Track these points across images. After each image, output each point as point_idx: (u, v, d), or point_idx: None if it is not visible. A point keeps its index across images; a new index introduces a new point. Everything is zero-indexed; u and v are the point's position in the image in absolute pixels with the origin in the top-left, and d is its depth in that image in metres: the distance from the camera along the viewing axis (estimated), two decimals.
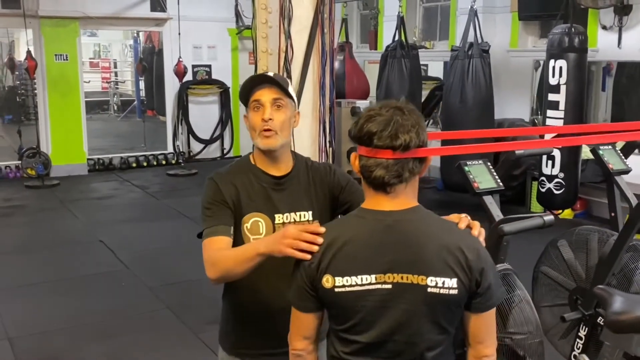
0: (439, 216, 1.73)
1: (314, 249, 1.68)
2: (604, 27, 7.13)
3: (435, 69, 10.52)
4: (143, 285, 5.24)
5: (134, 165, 10.43)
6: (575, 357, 3.22)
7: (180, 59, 10.05)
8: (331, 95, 3.80)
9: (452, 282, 1.61)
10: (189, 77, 10.56)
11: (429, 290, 1.61)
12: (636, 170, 3.98)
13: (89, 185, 9.36)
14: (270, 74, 2.09)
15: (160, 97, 12.62)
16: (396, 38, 7.82)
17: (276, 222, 2.08)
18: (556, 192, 6.01)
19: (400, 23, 7.81)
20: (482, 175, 2.84)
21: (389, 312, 1.64)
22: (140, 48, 16.01)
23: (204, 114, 10.98)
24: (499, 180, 2.87)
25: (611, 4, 6.65)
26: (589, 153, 6.68)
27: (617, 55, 7.17)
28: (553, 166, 5.98)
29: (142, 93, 16.17)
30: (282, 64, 3.61)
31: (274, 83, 2.04)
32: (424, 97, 8.99)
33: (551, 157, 5.95)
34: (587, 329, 3.19)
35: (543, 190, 6.11)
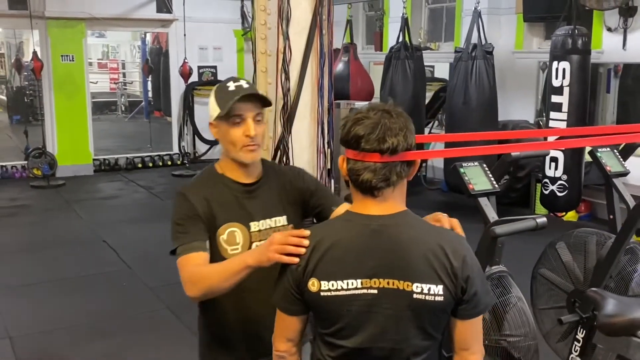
0: (427, 221, 1.72)
1: (301, 251, 1.68)
2: (609, 29, 7.10)
3: (441, 70, 10.51)
4: (144, 285, 5.25)
5: (139, 165, 10.47)
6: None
7: (186, 60, 10.09)
8: (329, 97, 3.79)
9: (438, 289, 1.60)
10: (194, 78, 10.59)
11: (415, 296, 1.60)
12: (635, 172, 3.97)
13: (94, 185, 9.41)
14: (247, 86, 2.04)
15: (167, 98, 12.66)
16: (400, 39, 7.81)
17: (252, 230, 2.06)
18: (559, 194, 5.99)
19: (405, 24, 7.80)
20: (477, 177, 2.83)
21: (375, 317, 1.63)
22: (147, 49, 16.07)
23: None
24: (494, 182, 2.86)
25: (616, 5, 6.62)
26: None
27: (623, 57, 7.13)
28: (556, 168, 5.96)
29: (150, 94, 16.25)
30: (280, 65, 3.61)
31: (258, 99, 2.03)
32: (429, 99, 8.98)
33: (554, 159, 5.94)
34: (584, 331, 3.17)
35: (546, 192, 6.09)
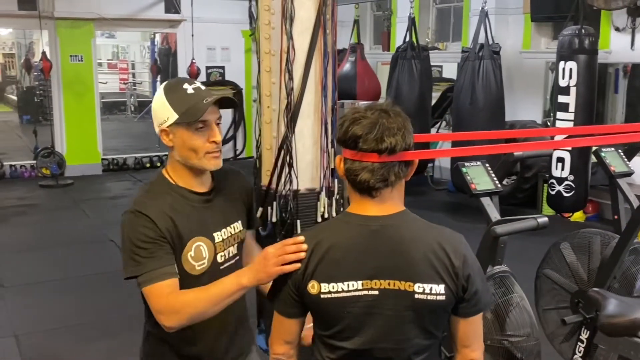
0: (426, 221, 1.71)
1: (301, 256, 1.66)
2: (617, 29, 7.06)
3: (449, 70, 10.49)
4: None
5: (147, 165, 10.51)
6: None
7: (194, 61, 10.12)
8: (333, 96, 3.79)
9: (440, 288, 1.60)
10: (202, 78, 10.60)
11: (417, 296, 1.60)
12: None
13: (103, 185, 9.45)
14: (204, 87, 1.92)
15: None
16: (407, 39, 7.80)
17: (216, 241, 1.95)
18: (566, 194, 5.95)
19: (412, 24, 7.79)
20: (479, 177, 2.82)
21: (376, 318, 1.63)
22: (156, 49, 16.13)
23: None
24: (497, 182, 2.85)
25: (624, 5, 6.57)
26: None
27: (631, 57, 7.10)
28: (563, 169, 5.92)
29: None
30: (284, 65, 3.62)
31: (225, 102, 1.91)
32: (436, 99, 8.96)
33: (561, 160, 5.91)
34: (588, 332, 3.15)
35: (553, 192, 6.05)
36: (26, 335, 4.42)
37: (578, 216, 6.99)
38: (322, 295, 1.63)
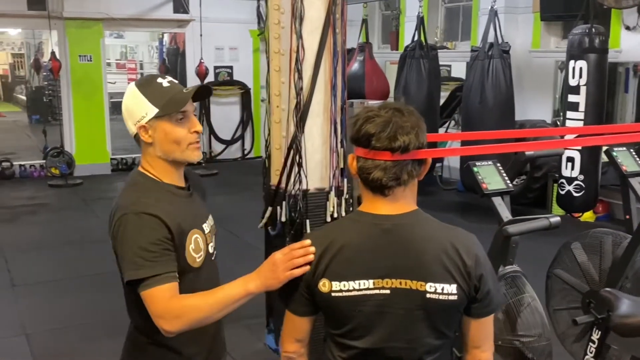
0: (438, 221, 1.70)
1: (310, 258, 1.66)
2: (627, 28, 7.02)
3: (458, 69, 10.45)
4: None
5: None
6: None
7: (202, 60, 10.14)
8: (343, 96, 3.78)
9: (452, 288, 1.59)
10: (210, 78, 10.63)
11: (428, 296, 1.59)
12: None
13: (112, 184, 9.46)
14: (177, 81, 1.94)
15: None
16: (415, 38, 7.78)
17: (205, 232, 1.97)
18: (576, 194, 5.93)
19: (420, 23, 7.77)
20: (491, 176, 2.81)
21: (387, 317, 1.62)
22: (165, 49, 16.16)
23: (226, 114, 11.05)
24: (508, 182, 2.84)
25: (635, 3, 6.51)
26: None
27: None
28: (573, 168, 5.89)
29: None
30: (293, 64, 3.61)
31: (200, 93, 1.92)
32: (445, 98, 8.94)
33: (571, 159, 5.88)
34: (599, 332, 3.13)
35: (563, 192, 6.02)
36: (37, 334, 4.44)
37: (588, 216, 6.96)
38: (333, 294, 1.63)
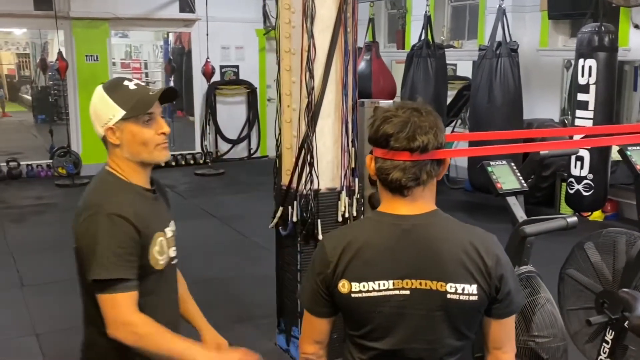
0: (458, 221, 1.69)
1: None
2: (636, 26, 6.99)
3: (464, 68, 10.42)
4: None
5: (162, 164, 10.46)
6: None
7: (208, 60, 10.14)
8: (354, 95, 3.78)
9: (472, 289, 1.58)
10: (216, 77, 10.64)
11: (449, 296, 1.58)
12: None
13: None
14: (143, 83, 1.96)
15: (189, 97, 12.71)
16: (422, 37, 7.76)
17: (168, 236, 1.97)
18: (585, 193, 5.90)
19: (427, 22, 7.75)
20: (505, 176, 2.80)
21: (407, 318, 1.61)
22: (170, 49, 16.17)
23: (232, 114, 11.04)
24: (522, 181, 2.83)
25: None
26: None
27: None
28: (582, 167, 5.87)
29: None
30: (304, 63, 3.61)
31: (167, 95, 1.92)
32: (452, 97, 8.91)
33: (580, 158, 5.85)
34: (613, 333, 3.12)
35: (572, 191, 6.00)
36: (47, 334, 4.44)
37: (596, 215, 6.94)
38: (352, 295, 1.62)
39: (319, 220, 3.74)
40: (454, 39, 10.02)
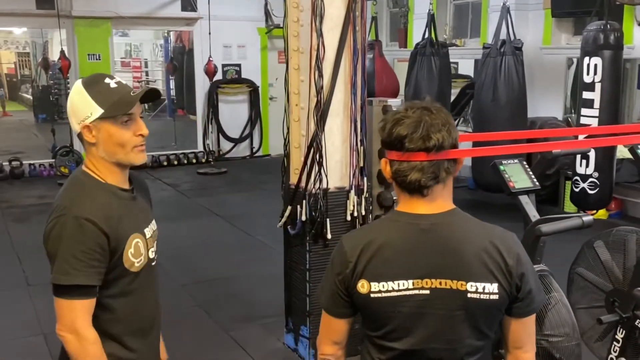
0: (477, 219, 1.69)
1: None
2: None
3: (465, 67, 10.43)
4: (175, 282, 5.28)
5: (164, 163, 10.53)
6: None
7: (211, 58, 10.13)
8: (362, 94, 3.77)
9: (493, 287, 1.57)
10: (218, 76, 10.64)
11: (469, 295, 1.58)
12: None
13: None
14: (125, 82, 1.88)
15: (191, 96, 12.70)
16: (426, 36, 7.75)
17: (147, 237, 1.93)
18: (590, 192, 5.90)
19: (431, 20, 7.74)
20: (517, 175, 2.79)
21: (427, 318, 1.61)
22: (170, 48, 16.16)
23: (234, 113, 11.03)
24: (535, 180, 2.82)
25: None
26: (625, 152, 6.57)
27: None
28: (587, 165, 5.87)
29: (172, 92, 16.33)
30: (313, 62, 3.60)
31: (148, 95, 1.86)
32: (454, 95, 8.91)
33: (585, 157, 5.85)
34: (624, 331, 3.12)
35: (577, 190, 6.00)
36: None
37: (601, 213, 6.93)
38: (372, 295, 1.61)
39: (328, 220, 3.74)
40: (456, 38, 10.01)
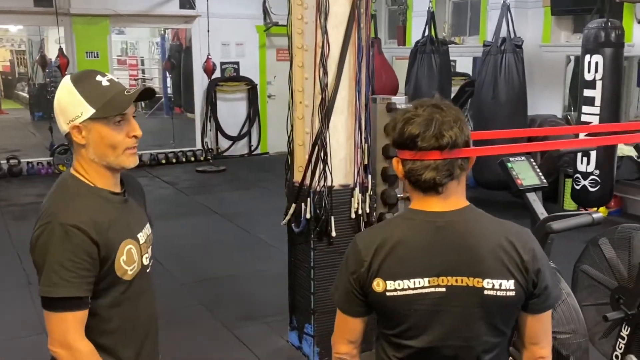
0: (491, 216, 1.68)
1: None
2: (639, 22, 7.00)
3: (463, 64, 10.42)
4: (176, 281, 5.27)
5: (163, 161, 10.50)
6: (617, 357, 3.16)
7: (210, 56, 10.10)
8: (367, 92, 3.76)
9: (510, 284, 1.57)
10: (217, 74, 10.60)
11: (486, 292, 1.57)
12: None
13: None
14: (117, 80, 1.80)
15: (188, 94, 12.66)
16: (426, 33, 7.75)
17: (141, 242, 1.83)
18: (591, 189, 5.92)
19: (431, 18, 7.75)
20: (525, 172, 2.79)
21: (443, 316, 1.60)
22: (167, 45, 16.11)
23: (232, 110, 11.01)
24: (542, 177, 2.83)
25: None
26: (625, 150, 6.59)
27: None
28: (588, 163, 5.88)
29: (169, 90, 16.29)
30: (318, 59, 3.59)
31: (140, 95, 1.78)
32: (454, 94, 8.91)
33: (587, 154, 5.86)
34: (629, 328, 3.13)
35: (578, 187, 6.02)
36: None
37: (600, 211, 6.93)
38: (387, 293, 1.60)
39: (332, 217, 3.73)
40: (455, 35, 10.01)
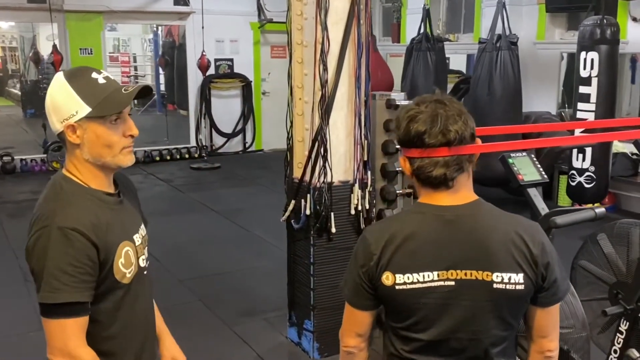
0: (500, 209, 1.69)
1: None
2: (634, 19, 7.04)
3: (457, 62, 10.43)
4: (174, 278, 5.26)
5: (157, 159, 10.47)
6: (615, 351, 3.19)
7: (204, 53, 10.07)
8: (367, 88, 3.77)
9: (519, 278, 1.58)
10: (211, 71, 10.59)
11: (495, 286, 1.58)
12: None
13: None
14: (113, 77, 1.76)
15: (181, 91, 12.61)
16: (421, 31, 7.76)
17: (137, 244, 1.79)
18: (587, 185, 5.95)
19: (426, 15, 7.76)
20: (526, 168, 2.80)
21: (452, 309, 1.61)
22: (160, 42, 16.05)
23: (227, 107, 10.98)
24: (543, 173, 2.84)
25: None
26: (619, 146, 6.63)
27: None
28: (584, 160, 5.91)
29: (162, 87, 16.24)
30: (318, 55, 3.59)
31: (140, 93, 1.74)
32: (449, 91, 8.93)
33: (582, 150, 5.89)
34: (628, 323, 3.15)
35: (573, 184, 6.04)
36: None
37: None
38: (397, 287, 1.61)
39: (332, 214, 3.74)
40: (449, 33, 10.03)
